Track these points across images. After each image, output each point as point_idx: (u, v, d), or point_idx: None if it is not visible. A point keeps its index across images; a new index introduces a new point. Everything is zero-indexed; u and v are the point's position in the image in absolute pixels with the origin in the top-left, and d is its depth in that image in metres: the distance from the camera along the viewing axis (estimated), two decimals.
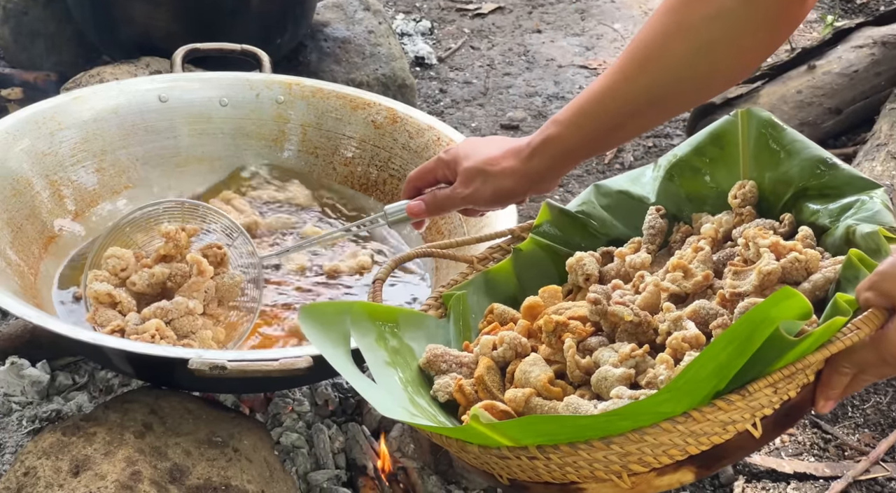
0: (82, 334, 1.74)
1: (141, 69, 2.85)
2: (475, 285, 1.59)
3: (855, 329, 1.11)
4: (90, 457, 1.69)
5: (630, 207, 1.61)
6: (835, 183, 1.42)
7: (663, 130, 3.65)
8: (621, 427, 1.12)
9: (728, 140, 1.54)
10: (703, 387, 1.10)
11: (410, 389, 1.37)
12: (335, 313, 1.41)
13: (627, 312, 1.34)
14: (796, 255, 1.31)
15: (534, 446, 1.15)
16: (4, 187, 2.12)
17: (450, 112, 3.74)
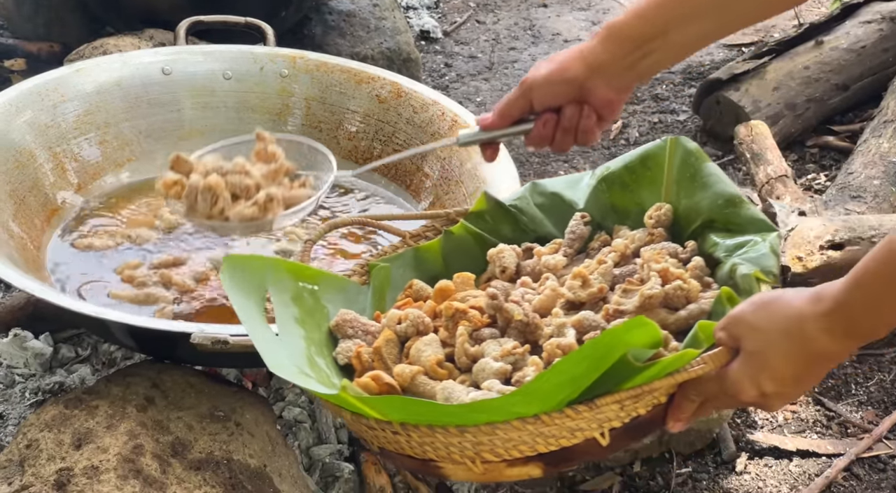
0: (84, 308, 1.74)
1: (144, 41, 2.83)
2: (403, 259, 1.66)
3: (701, 364, 1.21)
4: (92, 430, 1.69)
5: (560, 209, 1.70)
6: (738, 220, 1.52)
7: (669, 106, 3.63)
8: (476, 419, 1.21)
9: (655, 162, 1.64)
10: (554, 395, 1.18)
11: (314, 348, 1.45)
12: (259, 267, 1.48)
13: (518, 311, 1.44)
14: (680, 283, 1.42)
15: (397, 422, 1.24)
16: (7, 160, 2.11)
17: (455, 86, 3.72)
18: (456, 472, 1.28)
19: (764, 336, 1.20)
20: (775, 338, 1.19)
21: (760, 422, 2.27)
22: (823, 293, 1.16)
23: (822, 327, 1.15)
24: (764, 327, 1.20)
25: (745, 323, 1.22)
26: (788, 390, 1.23)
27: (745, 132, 3.04)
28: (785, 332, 1.18)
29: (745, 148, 3.01)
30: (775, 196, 2.79)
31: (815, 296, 1.16)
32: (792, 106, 3.27)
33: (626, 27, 1.50)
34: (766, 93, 3.26)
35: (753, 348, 1.21)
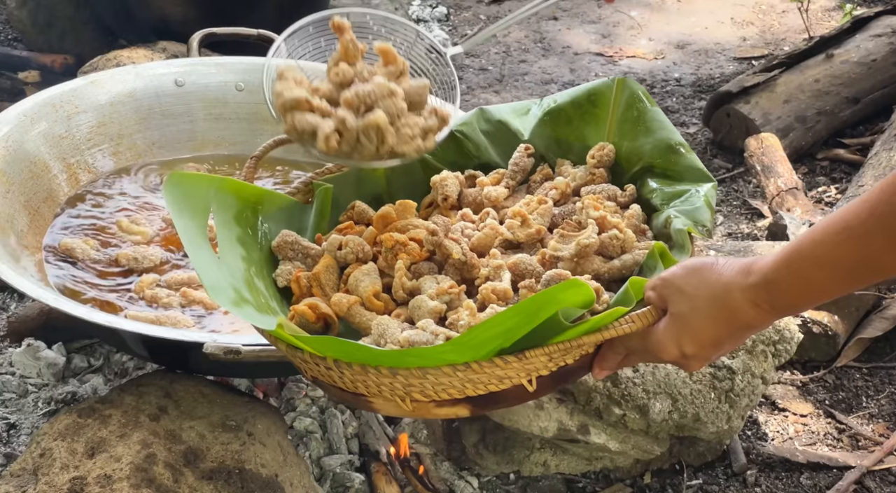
0: (98, 317, 1.74)
1: (158, 53, 2.85)
2: (346, 179, 1.66)
3: (629, 322, 1.26)
4: (105, 439, 1.70)
5: (506, 138, 1.71)
6: (676, 167, 1.55)
7: (679, 118, 3.63)
8: (408, 363, 1.24)
9: (601, 101, 1.66)
10: (485, 346, 1.22)
11: (254, 269, 1.46)
12: (202, 185, 1.47)
13: (457, 250, 1.46)
14: (616, 232, 1.45)
15: (331, 359, 1.27)
16: (22, 170, 2.12)
17: (465, 98, 3.73)
18: (386, 407, 1.32)
19: (691, 301, 1.24)
20: (701, 304, 1.23)
21: (771, 434, 2.27)
22: (753, 267, 1.18)
23: (749, 298, 1.19)
24: (692, 293, 1.23)
25: (675, 286, 1.25)
26: (707, 353, 1.27)
27: (756, 145, 3.05)
28: (711, 299, 1.22)
29: (756, 160, 3.01)
30: (786, 208, 2.79)
31: (746, 269, 1.19)
32: (802, 119, 3.27)
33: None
34: (777, 106, 3.27)
35: (679, 311, 1.25)
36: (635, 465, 2.12)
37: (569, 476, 2.10)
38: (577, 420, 1.98)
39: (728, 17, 4.41)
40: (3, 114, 2.17)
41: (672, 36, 4.26)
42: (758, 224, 2.98)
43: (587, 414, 1.98)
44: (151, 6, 3.02)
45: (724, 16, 4.43)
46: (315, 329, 1.40)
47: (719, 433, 2.07)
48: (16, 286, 1.75)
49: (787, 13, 4.35)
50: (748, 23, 4.36)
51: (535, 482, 2.08)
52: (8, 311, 2.42)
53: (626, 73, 3.94)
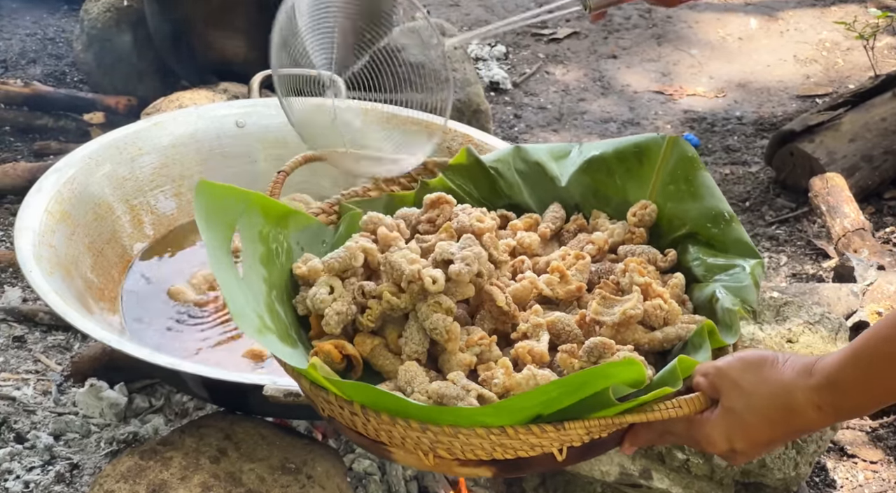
0: (160, 359, 1.75)
1: (219, 94, 2.88)
2: (376, 205, 1.61)
3: (676, 407, 1.22)
4: (167, 482, 1.70)
5: (541, 180, 1.65)
6: (723, 239, 1.49)
7: (741, 157, 3.60)
8: (440, 420, 1.21)
9: (648, 157, 1.59)
10: (524, 412, 1.20)
11: (275, 293, 1.41)
12: (231, 198, 1.42)
13: (501, 298, 1.40)
14: (661, 303, 1.39)
15: (359, 404, 1.24)
16: (87, 212, 2.15)
17: (524, 137, 3.73)
18: (406, 459, 1.29)
19: (747, 398, 1.20)
20: (759, 403, 1.19)
21: (840, 481, 2.22)
22: (816, 367, 1.15)
23: (811, 401, 1.15)
24: (749, 389, 1.20)
25: (731, 379, 1.22)
26: (758, 451, 1.24)
27: (821, 185, 3.00)
28: (770, 399, 1.18)
29: (821, 200, 2.97)
30: (852, 250, 2.74)
31: (807, 369, 1.16)
32: (869, 158, 3.22)
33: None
34: (842, 144, 3.22)
35: (733, 406, 1.21)
36: None
37: None
38: (639, 465, 1.95)
39: (791, 55, 4.37)
40: (69, 157, 2.20)
41: (733, 74, 4.23)
42: (823, 265, 2.93)
43: (650, 458, 1.95)
44: (213, 48, 3.06)
45: (787, 54, 4.39)
46: (338, 369, 1.36)
47: (786, 479, 2.02)
48: (80, 328, 1.76)
49: (852, 51, 4.30)
50: (812, 60, 4.32)
51: None
52: (71, 350, 2.44)
53: (686, 112, 3.92)
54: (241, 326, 1.28)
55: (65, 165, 2.17)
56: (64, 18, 4.15)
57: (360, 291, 1.40)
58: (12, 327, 2.51)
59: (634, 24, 4.57)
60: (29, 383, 2.32)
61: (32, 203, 2.04)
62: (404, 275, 1.37)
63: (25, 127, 3.40)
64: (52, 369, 2.38)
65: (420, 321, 1.37)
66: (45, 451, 2.13)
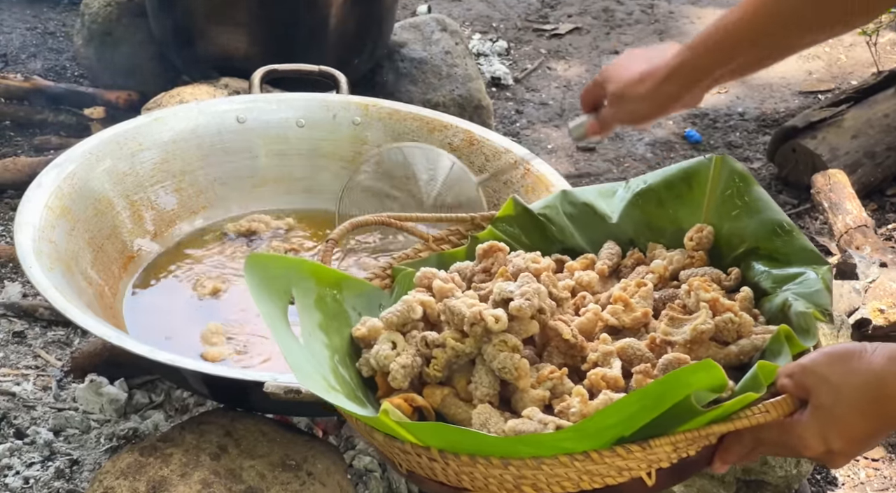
0: (160, 356, 1.75)
1: (220, 89, 2.87)
2: (427, 264, 1.58)
3: (763, 411, 1.18)
4: (167, 478, 1.70)
5: (591, 221, 1.64)
6: (785, 250, 1.46)
7: (743, 153, 3.59)
8: (522, 452, 1.17)
9: (698, 181, 1.57)
10: (607, 433, 1.16)
11: (337, 357, 1.39)
12: (282, 268, 1.43)
13: (567, 331, 1.37)
14: (731, 316, 1.35)
15: (436, 449, 1.21)
16: (87, 208, 2.14)
17: (525, 133, 3.72)
18: None
19: (838, 392, 1.16)
20: (851, 395, 1.15)
21: (841, 479, 2.22)
22: None
23: None
24: (839, 382, 1.16)
25: (818, 375, 1.18)
26: (856, 449, 1.20)
27: (823, 181, 3.00)
28: (863, 390, 1.14)
29: (823, 197, 2.97)
30: (854, 246, 2.74)
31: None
32: (871, 154, 3.22)
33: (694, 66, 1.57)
34: (845, 141, 3.22)
35: (825, 403, 1.17)
36: None
37: None
38: None
39: None
40: (69, 152, 2.20)
41: None
42: None
43: None
44: (214, 43, 3.05)
45: None
46: None
47: (787, 477, 2.02)
48: (81, 324, 1.76)
49: (855, 47, 4.29)
50: (814, 57, 4.31)
51: None
52: (72, 346, 2.44)
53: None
54: (308, 386, 1.26)
55: (65, 161, 2.17)
56: (64, 13, 4.14)
57: (424, 341, 1.37)
58: (12, 323, 2.51)
59: (637, 19, 4.57)
60: (29, 378, 2.32)
61: (32, 198, 2.04)
62: (466, 318, 1.34)
63: (25, 122, 3.39)
64: (52, 364, 2.38)
65: (488, 363, 1.34)
66: (45, 447, 2.12)
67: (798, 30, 1.48)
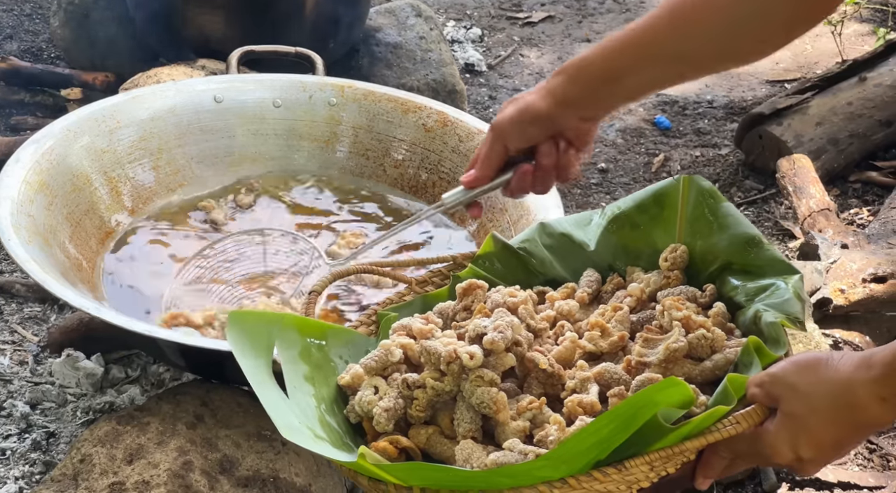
0: (137, 326, 1.78)
1: (197, 71, 2.90)
2: (411, 308, 1.61)
3: (734, 423, 1.20)
4: (143, 446, 1.73)
5: (570, 250, 1.66)
6: (757, 262, 1.49)
7: (711, 140, 3.65)
8: (501, 484, 1.19)
9: (668, 202, 1.60)
10: (582, 458, 1.17)
11: (324, 406, 1.41)
12: (264, 322, 1.44)
13: (543, 360, 1.40)
14: (704, 332, 1.38)
15: (418, 488, 1.23)
16: (65, 183, 2.17)
17: None
18: None
19: (806, 400, 1.17)
20: (820, 403, 1.16)
21: None
22: (874, 359, 1.13)
23: (874, 394, 1.13)
24: (807, 390, 1.17)
25: (786, 384, 1.19)
26: (826, 457, 1.21)
27: (788, 166, 3.06)
28: (831, 397, 1.16)
29: (788, 181, 3.02)
30: (817, 229, 2.80)
31: (865, 362, 1.14)
32: (835, 141, 3.28)
33: (591, 66, 1.47)
34: (809, 128, 3.28)
35: (794, 411, 1.18)
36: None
37: None
38: None
39: None
40: (48, 128, 2.23)
41: None
42: (789, 245, 2.99)
43: None
44: (191, 25, 3.07)
45: None
46: None
47: None
48: (59, 296, 1.79)
49: (821, 37, 4.36)
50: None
51: None
52: (48, 322, 2.47)
53: (658, 96, 3.96)
54: (294, 439, 1.28)
55: (43, 137, 2.19)
56: None
57: (405, 383, 1.40)
58: None
59: (608, 8, 4.62)
60: (5, 353, 2.34)
61: (11, 173, 2.06)
62: (442, 357, 1.37)
63: (2, 102, 3.39)
64: (29, 339, 2.40)
65: (467, 400, 1.36)
66: (22, 419, 2.15)
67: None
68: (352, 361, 1.49)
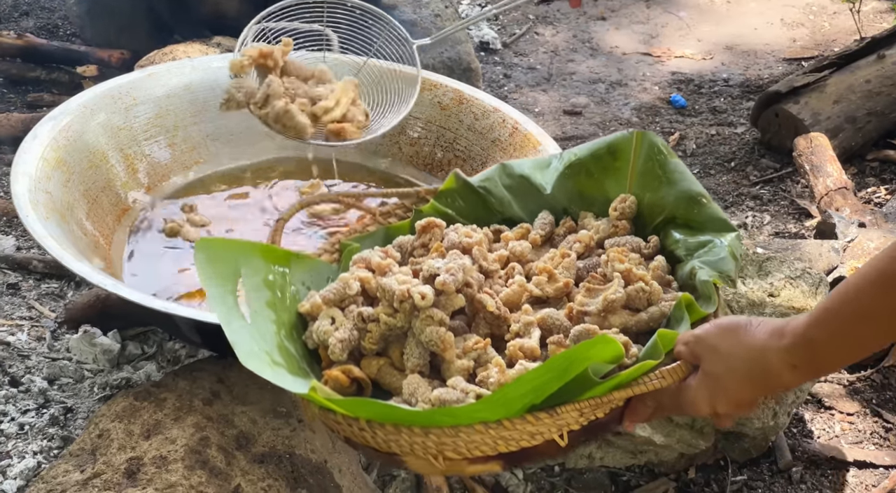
0: (154, 303, 1.78)
1: (212, 48, 2.89)
2: (374, 238, 1.68)
3: (659, 378, 1.28)
4: (161, 422, 1.74)
5: (528, 191, 1.72)
6: (699, 218, 1.55)
7: (727, 118, 3.63)
8: (440, 422, 1.26)
9: (621, 154, 1.66)
10: (517, 403, 1.24)
11: (284, 332, 1.47)
12: (231, 250, 1.49)
13: (491, 303, 1.47)
14: (642, 286, 1.46)
15: (364, 420, 1.29)
16: (81, 160, 2.17)
17: (513, 97, 3.75)
18: (419, 465, 1.33)
19: (726, 361, 1.25)
20: (737, 365, 1.24)
21: (817, 432, 2.27)
22: (786, 329, 1.19)
23: (784, 361, 1.20)
24: (727, 352, 1.25)
25: (709, 345, 1.27)
26: (741, 412, 1.29)
27: (805, 144, 3.04)
28: (747, 361, 1.23)
29: (805, 160, 3.01)
30: (834, 208, 2.79)
31: (779, 331, 1.20)
32: (852, 119, 3.26)
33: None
34: (827, 106, 3.26)
35: (713, 370, 1.26)
36: (680, 459, 2.13)
37: (613, 469, 2.12)
38: None
39: (778, 19, 4.40)
40: (65, 105, 2.23)
41: (721, 37, 4.26)
42: (805, 224, 2.98)
43: None
44: (207, 2, 3.07)
45: (775, 17, 4.41)
46: (348, 392, 1.42)
47: (765, 429, 2.07)
48: (77, 272, 1.80)
49: (839, 14, 4.33)
50: (798, 24, 4.35)
51: (579, 475, 2.10)
52: (65, 298, 2.48)
53: (673, 74, 3.95)
54: (250, 365, 1.32)
55: (60, 113, 2.20)
56: None
57: (360, 317, 1.46)
58: (6, 275, 2.54)
59: None
60: (23, 328, 2.36)
61: (29, 149, 2.07)
62: (395, 295, 1.43)
63: (18, 79, 3.41)
64: (46, 315, 2.41)
65: (417, 336, 1.43)
66: (40, 394, 2.16)
67: None
68: (314, 287, 1.55)
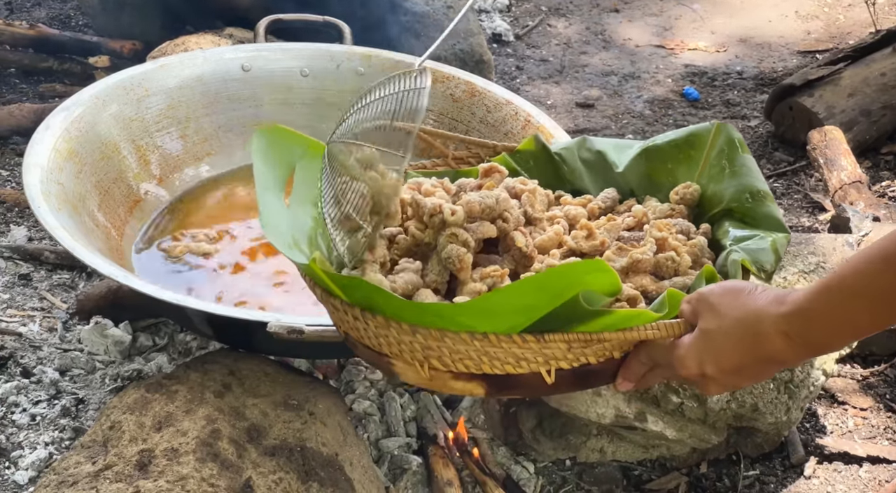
0: (166, 295, 1.78)
1: (224, 39, 2.89)
2: (440, 177, 1.66)
3: (654, 328, 1.26)
4: (172, 414, 1.73)
5: (602, 167, 1.71)
6: (753, 214, 1.54)
7: (741, 111, 3.61)
8: (429, 322, 1.26)
9: (698, 143, 1.65)
10: (504, 317, 1.24)
11: (320, 230, 1.47)
12: (292, 143, 1.51)
13: (522, 240, 1.48)
14: (673, 255, 1.45)
15: (359, 310, 1.30)
16: (93, 151, 2.17)
17: (526, 89, 3.74)
18: (406, 372, 1.34)
19: (720, 320, 1.22)
20: (730, 325, 1.21)
21: (830, 427, 2.26)
22: (788, 297, 1.17)
23: (778, 328, 1.17)
24: (724, 312, 1.22)
25: (708, 302, 1.24)
26: (727, 379, 1.26)
27: (819, 138, 3.02)
28: (741, 322, 1.20)
29: (819, 153, 2.99)
30: (849, 202, 2.77)
31: (780, 298, 1.18)
32: (867, 112, 3.24)
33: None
34: (841, 99, 3.24)
35: (707, 328, 1.24)
36: (692, 454, 2.12)
37: (625, 464, 2.11)
38: (634, 407, 1.99)
39: (792, 11, 4.38)
40: (77, 96, 2.23)
41: (735, 29, 4.24)
42: (819, 218, 2.96)
43: (645, 401, 1.99)
44: None
45: (789, 9, 4.39)
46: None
47: (777, 424, 2.07)
48: (88, 263, 1.80)
49: (854, 7, 4.31)
50: (813, 16, 4.32)
51: (591, 469, 2.09)
52: (77, 289, 2.48)
53: (687, 66, 3.93)
54: (271, 238, 1.35)
55: (73, 104, 2.20)
56: None
57: (389, 239, 1.48)
58: (18, 266, 2.54)
59: None
60: (35, 319, 2.36)
61: (41, 140, 2.07)
62: (426, 209, 1.44)
63: (30, 69, 3.41)
64: (58, 306, 2.41)
65: (439, 253, 1.44)
66: (51, 385, 2.17)
67: None
68: None
